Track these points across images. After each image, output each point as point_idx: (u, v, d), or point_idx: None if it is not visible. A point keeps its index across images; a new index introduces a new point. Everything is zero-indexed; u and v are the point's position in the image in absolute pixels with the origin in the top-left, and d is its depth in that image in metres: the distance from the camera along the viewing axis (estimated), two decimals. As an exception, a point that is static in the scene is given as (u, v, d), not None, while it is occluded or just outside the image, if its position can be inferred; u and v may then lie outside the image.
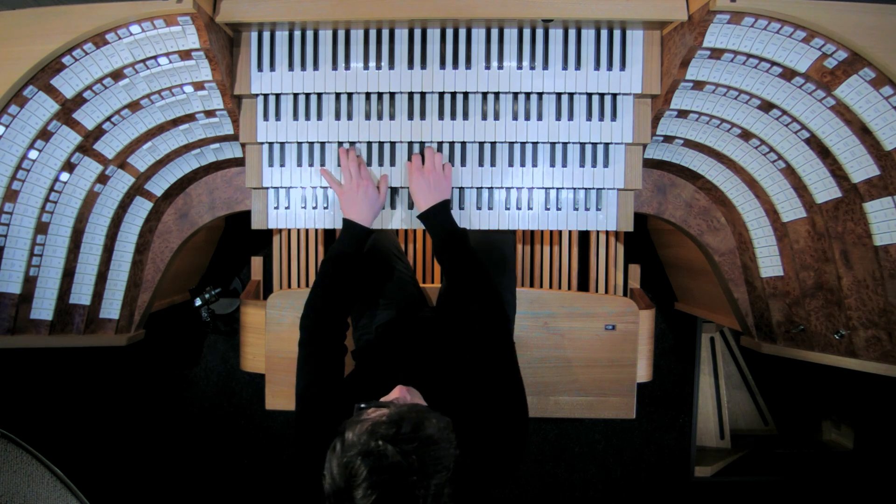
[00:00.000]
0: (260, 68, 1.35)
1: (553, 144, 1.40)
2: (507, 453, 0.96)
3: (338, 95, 1.38)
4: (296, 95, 1.38)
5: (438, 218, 1.26)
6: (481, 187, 1.42)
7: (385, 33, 1.34)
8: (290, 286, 2.02)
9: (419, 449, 0.75)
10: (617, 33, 1.33)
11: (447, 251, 1.22)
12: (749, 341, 1.55)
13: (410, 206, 1.43)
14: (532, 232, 1.99)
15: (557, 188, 1.42)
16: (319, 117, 1.39)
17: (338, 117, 1.38)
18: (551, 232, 1.98)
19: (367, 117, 1.38)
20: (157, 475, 2.45)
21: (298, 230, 2.00)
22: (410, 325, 1.31)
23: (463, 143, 1.40)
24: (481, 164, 1.41)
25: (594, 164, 1.40)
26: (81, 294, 1.45)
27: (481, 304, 1.13)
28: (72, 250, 1.41)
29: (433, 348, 1.17)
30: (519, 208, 1.43)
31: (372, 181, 1.33)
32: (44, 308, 1.40)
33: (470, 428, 0.93)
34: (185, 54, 1.25)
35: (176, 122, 1.37)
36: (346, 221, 1.28)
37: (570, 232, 1.99)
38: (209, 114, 1.36)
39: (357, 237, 1.27)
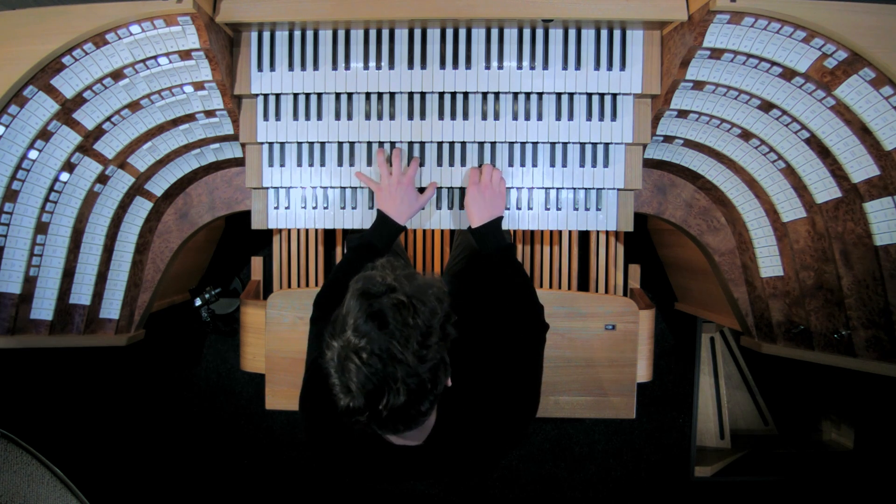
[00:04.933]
0: (260, 68, 1.35)
1: (553, 144, 1.40)
2: (502, 442, 0.99)
3: (338, 95, 1.38)
4: (296, 95, 1.38)
5: (491, 234, 1.27)
6: (481, 187, 1.42)
7: (385, 33, 1.34)
8: (290, 286, 2.02)
9: (413, 278, 0.82)
10: (617, 33, 1.33)
11: (495, 266, 1.23)
12: (749, 341, 1.55)
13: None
14: (532, 232, 1.99)
15: (557, 188, 1.42)
16: (319, 117, 1.39)
17: (338, 117, 1.38)
18: (551, 232, 1.98)
19: (367, 117, 1.38)
20: (157, 475, 2.45)
21: (298, 230, 2.00)
22: None
23: (463, 143, 1.40)
24: (481, 164, 1.41)
25: (594, 164, 1.40)
26: (81, 294, 1.45)
27: (524, 317, 1.15)
28: (72, 250, 1.41)
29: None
30: (519, 208, 1.43)
31: (413, 183, 1.33)
32: (44, 308, 1.41)
33: (475, 411, 0.96)
34: (185, 54, 1.25)
35: (176, 122, 1.37)
36: (380, 214, 1.28)
37: (570, 232, 1.99)
38: (209, 114, 1.36)
39: (389, 232, 1.27)
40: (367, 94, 1.38)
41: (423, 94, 1.38)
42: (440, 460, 0.96)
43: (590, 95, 1.37)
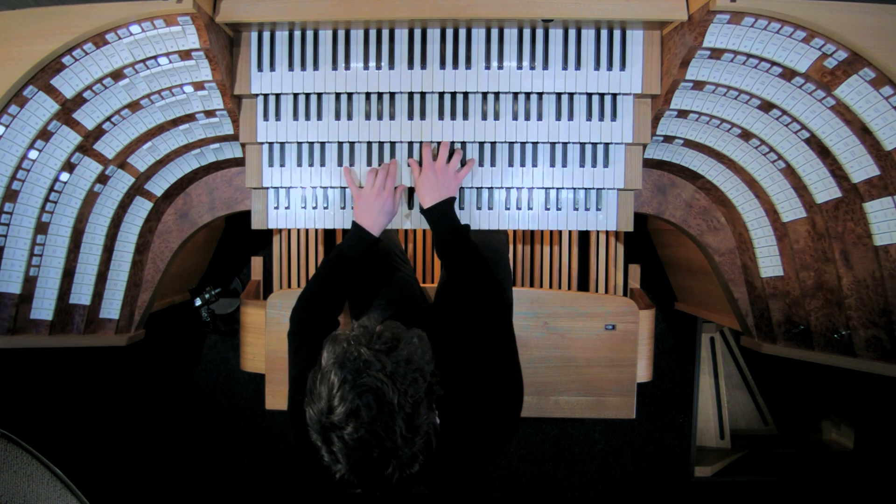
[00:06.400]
0: (260, 68, 1.35)
1: (553, 144, 1.40)
2: (498, 434, 0.99)
3: (338, 95, 1.38)
4: (296, 95, 1.38)
5: (441, 215, 1.26)
6: (481, 187, 1.42)
7: (385, 33, 1.34)
8: (290, 286, 2.02)
9: (392, 351, 0.80)
10: (617, 33, 1.33)
11: (448, 246, 1.23)
12: (749, 341, 1.55)
13: (410, 205, 1.43)
14: (532, 232, 1.99)
15: (557, 188, 1.42)
16: (319, 117, 1.39)
17: (338, 117, 1.38)
18: (551, 232, 1.98)
19: (367, 117, 1.38)
20: (156, 475, 2.45)
21: (298, 230, 2.00)
22: (410, 320, 1.31)
23: (463, 143, 1.40)
24: (481, 164, 1.41)
25: (594, 164, 1.40)
26: (81, 294, 1.45)
27: (483, 294, 1.14)
28: (72, 250, 1.41)
29: (431, 336, 1.17)
30: (519, 208, 1.43)
31: (392, 195, 1.32)
32: (44, 308, 1.41)
33: (464, 410, 0.96)
34: (185, 54, 1.25)
35: (176, 122, 1.37)
36: (355, 226, 1.28)
37: (570, 232, 1.99)
38: (209, 114, 1.36)
39: (364, 243, 1.27)
40: (367, 94, 1.38)
41: (423, 94, 1.38)
42: (432, 465, 0.96)
43: (590, 95, 1.37)
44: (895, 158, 1.18)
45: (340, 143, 1.41)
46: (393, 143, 1.41)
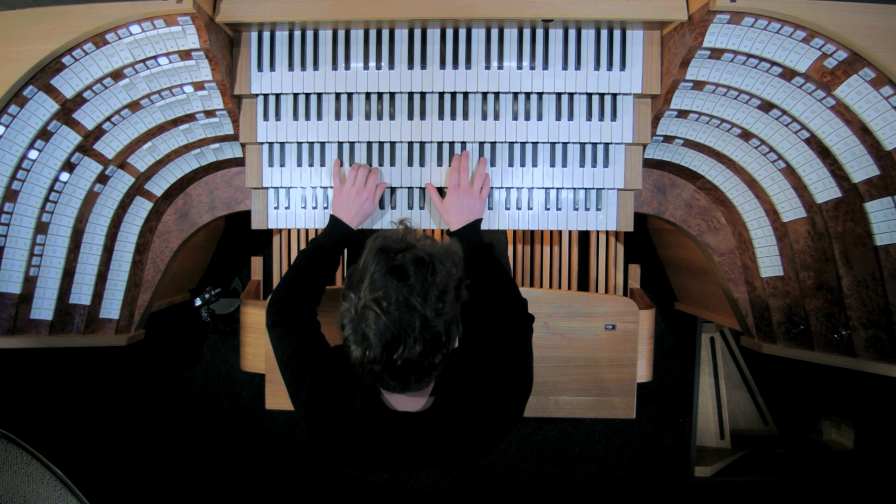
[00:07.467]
0: (260, 68, 1.35)
1: (553, 144, 1.40)
2: (499, 420, 1.01)
3: (338, 95, 1.38)
4: (296, 95, 1.38)
5: (467, 237, 1.28)
6: (481, 187, 1.42)
7: (385, 33, 1.34)
8: (290, 286, 2.01)
9: (430, 243, 0.88)
10: (617, 33, 1.33)
11: (474, 264, 1.23)
12: (749, 341, 1.55)
13: (410, 206, 1.43)
14: (532, 232, 1.99)
15: (557, 188, 1.42)
16: (319, 117, 1.39)
17: (338, 117, 1.38)
18: (551, 232, 1.98)
19: (367, 117, 1.38)
20: (157, 475, 2.45)
21: (298, 230, 2.00)
22: None
23: (463, 143, 1.40)
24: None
25: (594, 164, 1.40)
26: (81, 294, 1.45)
27: (508, 314, 1.17)
28: (72, 250, 1.41)
29: None
30: (519, 208, 1.43)
31: (373, 194, 1.34)
32: (44, 308, 1.41)
33: (471, 396, 0.97)
34: (185, 54, 1.25)
35: (176, 122, 1.37)
36: (333, 218, 1.31)
37: (570, 232, 1.99)
38: (209, 114, 1.36)
39: (341, 236, 1.30)
40: (367, 94, 1.38)
41: (423, 94, 1.38)
42: (439, 432, 0.96)
43: (590, 95, 1.37)
44: (895, 158, 1.18)
45: (340, 143, 1.41)
46: (393, 143, 1.41)
